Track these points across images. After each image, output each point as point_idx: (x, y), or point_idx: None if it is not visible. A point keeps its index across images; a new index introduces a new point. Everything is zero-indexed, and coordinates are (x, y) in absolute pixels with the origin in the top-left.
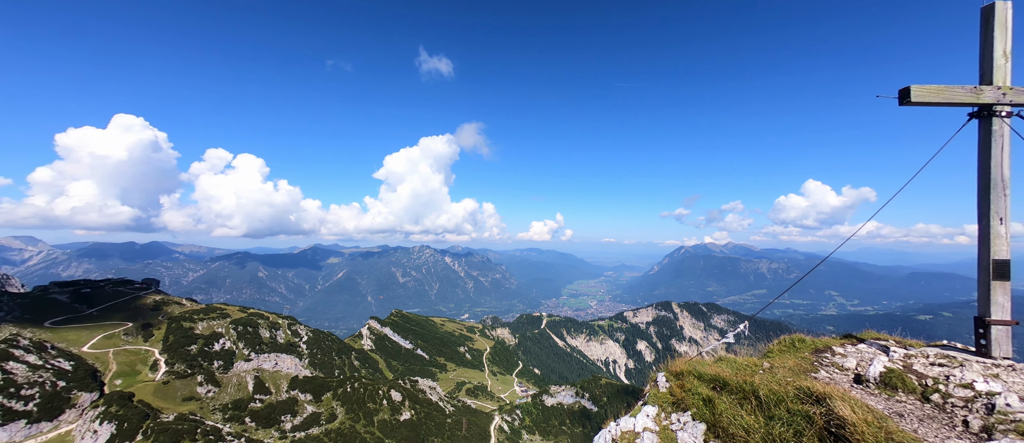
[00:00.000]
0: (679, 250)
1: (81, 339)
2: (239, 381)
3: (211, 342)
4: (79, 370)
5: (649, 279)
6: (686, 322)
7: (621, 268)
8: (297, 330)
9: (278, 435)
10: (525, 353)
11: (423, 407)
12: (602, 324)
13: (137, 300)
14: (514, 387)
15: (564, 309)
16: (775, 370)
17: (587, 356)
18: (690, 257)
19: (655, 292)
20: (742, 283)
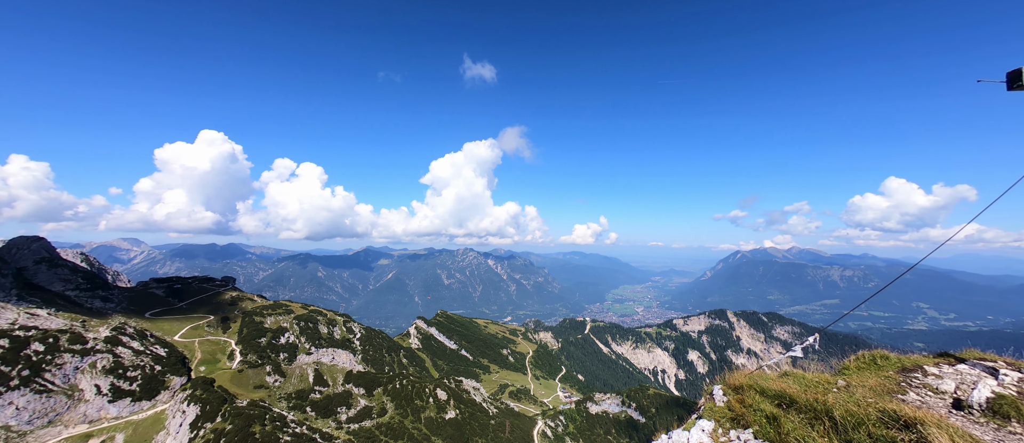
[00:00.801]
0: (734, 255)
1: (173, 329)
2: (301, 373)
3: (278, 336)
4: (172, 356)
5: (701, 285)
6: (743, 332)
7: (669, 273)
8: (351, 327)
9: (335, 425)
10: (568, 358)
11: (467, 407)
12: (649, 331)
13: (217, 296)
14: (557, 392)
15: (609, 315)
16: (852, 389)
17: (633, 364)
18: (748, 263)
19: (708, 299)
20: (809, 292)
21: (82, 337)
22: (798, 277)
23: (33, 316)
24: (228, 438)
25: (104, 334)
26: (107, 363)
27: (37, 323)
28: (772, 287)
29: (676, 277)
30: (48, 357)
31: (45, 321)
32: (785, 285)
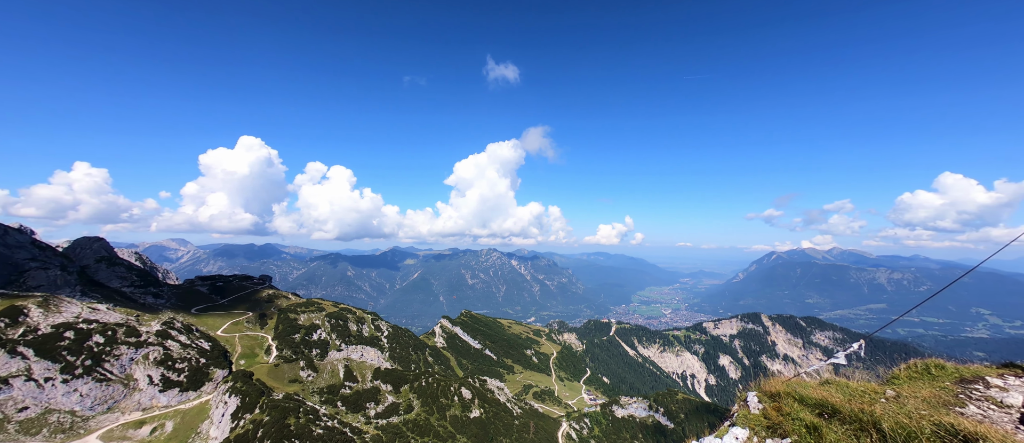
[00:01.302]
0: (769, 256)
1: (216, 324)
2: (332, 368)
3: (310, 332)
4: (215, 350)
5: (732, 288)
6: (779, 337)
7: (699, 275)
8: (379, 325)
9: (364, 420)
10: (593, 360)
11: (492, 406)
12: (678, 334)
13: (255, 293)
14: (582, 394)
15: (634, 316)
16: (903, 400)
17: (661, 368)
18: (784, 264)
19: (740, 302)
20: (852, 295)
21: (136, 330)
22: (840, 280)
23: (94, 310)
24: (266, 429)
25: (155, 328)
26: (158, 355)
27: (98, 317)
28: (811, 290)
29: (705, 279)
30: (107, 348)
31: (104, 315)
32: (825, 288)
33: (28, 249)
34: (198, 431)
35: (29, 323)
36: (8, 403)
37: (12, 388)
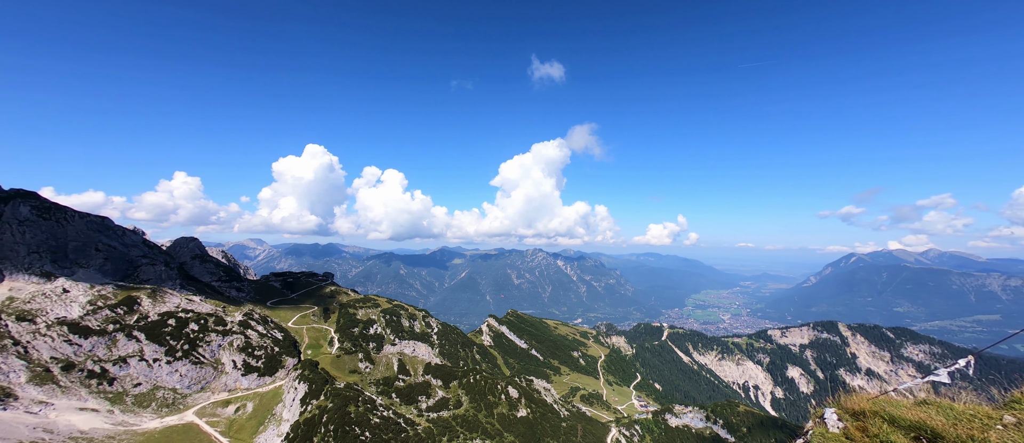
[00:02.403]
0: (848, 258)
1: (287, 317)
2: (387, 361)
3: (367, 327)
4: (286, 340)
5: (803, 293)
6: (861, 349)
7: (762, 278)
8: (429, 322)
9: (416, 413)
10: (644, 365)
11: (538, 407)
12: (739, 342)
13: (320, 289)
14: (632, 400)
15: (689, 321)
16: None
17: (719, 376)
18: (866, 268)
19: (811, 309)
20: (955, 304)
21: (223, 320)
22: (938, 286)
23: (190, 301)
24: (330, 415)
25: (238, 318)
26: (240, 343)
27: (193, 307)
28: (901, 297)
29: (770, 282)
30: (200, 335)
31: (198, 306)
32: (919, 295)
33: (140, 248)
34: (273, 413)
35: (141, 311)
36: (126, 379)
37: (129, 366)
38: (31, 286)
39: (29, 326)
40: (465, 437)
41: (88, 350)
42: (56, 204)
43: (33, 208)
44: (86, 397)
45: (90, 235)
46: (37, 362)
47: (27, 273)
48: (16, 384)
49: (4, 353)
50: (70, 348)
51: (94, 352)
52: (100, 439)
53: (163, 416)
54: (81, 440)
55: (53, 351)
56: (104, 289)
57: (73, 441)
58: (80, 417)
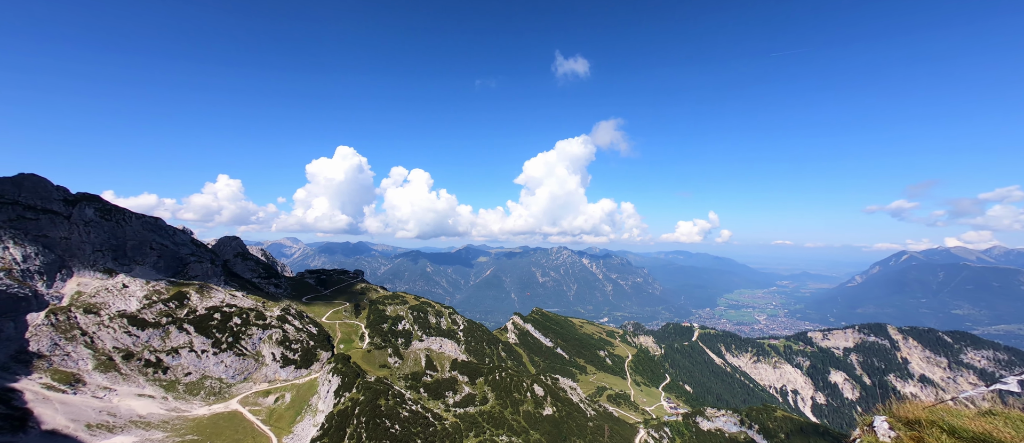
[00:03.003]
0: (898, 256)
1: (320, 312)
2: (415, 357)
3: (396, 323)
4: (320, 334)
5: (847, 293)
6: (913, 354)
7: (801, 277)
8: (455, 319)
9: (444, 408)
10: (673, 366)
11: (564, 406)
12: (776, 344)
13: (351, 286)
14: (661, 401)
15: (721, 321)
16: None
17: (755, 380)
18: (920, 267)
19: (857, 311)
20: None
21: (263, 315)
22: (1005, 287)
23: (233, 297)
24: (362, 407)
25: (276, 313)
26: (279, 336)
27: (236, 302)
28: (960, 299)
29: (810, 282)
30: (243, 329)
31: (240, 301)
32: (982, 297)
33: (189, 246)
34: (309, 404)
35: (190, 305)
36: (178, 368)
37: (181, 356)
38: (95, 282)
39: (94, 318)
40: (491, 433)
41: (145, 341)
42: (116, 206)
43: (96, 210)
44: (144, 384)
45: (145, 235)
46: (102, 351)
47: (92, 270)
48: (84, 371)
49: (74, 342)
50: (129, 339)
51: (150, 343)
52: (156, 423)
53: (210, 404)
54: (140, 423)
55: (115, 341)
56: (158, 285)
57: (133, 424)
58: (139, 402)
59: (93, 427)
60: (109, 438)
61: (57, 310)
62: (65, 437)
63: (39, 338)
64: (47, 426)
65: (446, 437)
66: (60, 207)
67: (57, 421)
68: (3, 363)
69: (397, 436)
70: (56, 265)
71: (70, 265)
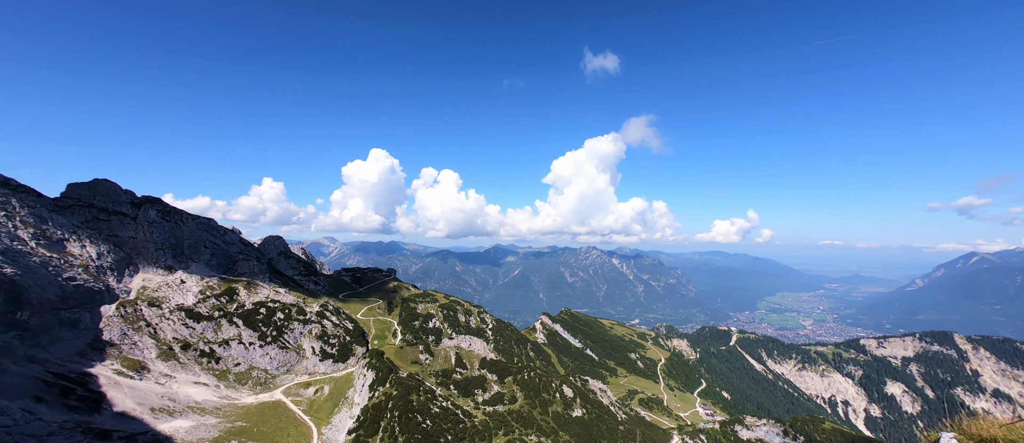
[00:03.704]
0: (967, 258)
1: (355, 309)
2: (445, 354)
3: (427, 320)
4: (356, 330)
5: (905, 298)
6: (985, 366)
7: (852, 280)
8: (484, 318)
9: (473, 405)
10: (709, 371)
11: (594, 408)
12: (823, 351)
13: (384, 284)
14: (696, 408)
15: (762, 326)
16: None
17: (800, 389)
18: (993, 269)
19: (917, 317)
20: None
21: (303, 310)
22: None
23: (277, 293)
24: (395, 402)
25: (315, 309)
26: (318, 331)
27: (279, 298)
28: None
29: (862, 285)
30: (285, 323)
31: (283, 297)
32: None
33: (237, 245)
34: (346, 396)
35: (239, 300)
36: (229, 359)
37: (231, 348)
38: (157, 277)
39: (157, 311)
40: (521, 433)
41: (200, 333)
42: (175, 208)
43: (158, 212)
44: (199, 373)
45: (200, 234)
46: (163, 341)
47: (154, 266)
48: (148, 359)
49: (140, 333)
50: (186, 330)
51: (204, 335)
52: (210, 409)
53: (257, 393)
54: (196, 409)
55: (174, 332)
56: (211, 281)
57: (190, 409)
58: (195, 389)
59: (156, 411)
60: (170, 421)
61: (125, 303)
62: (132, 419)
63: (111, 328)
64: (118, 409)
65: (475, 434)
66: (128, 209)
67: (126, 404)
68: (81, 350)
69: (428, 431)
70: (124, 262)
71: (136, 262)
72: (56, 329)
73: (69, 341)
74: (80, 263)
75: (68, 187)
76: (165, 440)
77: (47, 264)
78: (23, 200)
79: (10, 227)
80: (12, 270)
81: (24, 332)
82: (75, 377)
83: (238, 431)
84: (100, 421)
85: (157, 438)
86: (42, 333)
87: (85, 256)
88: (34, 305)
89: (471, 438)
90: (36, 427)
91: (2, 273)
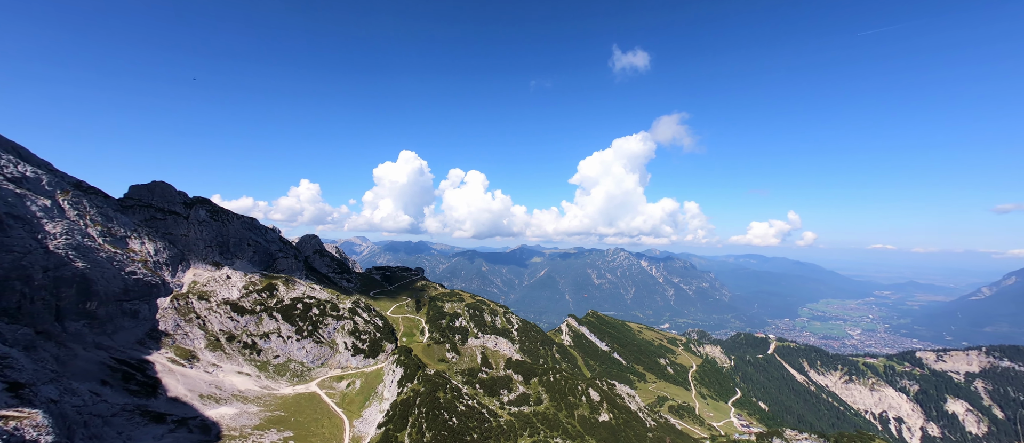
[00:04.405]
0: None
1: (385, 307)
2: (471, 353)
3: (453, 319)
4: (386, 327)
5: (969, 307)
6: None
7: (907, 287)
8: (510, 318)
9: (498, 405)
10: (745, 379)
11: (622, 413)
12: (874, 363)
13: (413, 283)
14: (730, 417)
15: (803, 334)
16: None
17: (846, 402)
18: None
19: (984, 329)
20: None
21: (337, 307)
22: None
23: (313, 289)
24: (422, 398)
25: (348, 306)
26: (350, 327)
27: (315, 294)
28: None
29: (919, 293)
30: (320, 318)
31: (318, 293)
32: None
33: (277, 243)
34: (376, 391)
35: (278, 296)
36: (269, 351)
37: (271, 340)
38: (206, 273)
39: (205, 304)
40: (546, 434)
41: (243, 325)
42: (221, 208)
43: (207, 211)
44: (242, 363)
45: (244, 233)
46: (211, 332)
47: (204, 262)
48: (198, 349)
49: (191, 324)
50: (231, 323)
51: (247, 327)
52: (252, 398)
53: (294, 385)
54: (239, 397)
55: (221, 324)
56: (253, 277)
57: (234, 397)
58: (239, 379)
59: (204, 397)
60: (216, 408)
61: (178, 296)
62: (184, 404)
63: (165, 319)
64: (171, 394)
65: (501, 434)
66: (181, 209)
67: (178, 390)
68: (140, 339)
69: (454, 429)
70: (178, 258)
71: (188, 258)
72: (119, 319)
73: (130, 330)
74: (140, 259)
75: (130, 189)
76: (212, 425)
77: (112, 259)
78: (92, 201)
79: (82, 225)
80: (83, 264)
81: (92, 321)
82: (135, 363)
83: (277, 420)
84: (156, 405)
85: (205, 423)
86: (107, 322)
87: (144, 252)
88: (101, 296)
89: (497, 438)
90: (102, 408)
91: (75, 267)
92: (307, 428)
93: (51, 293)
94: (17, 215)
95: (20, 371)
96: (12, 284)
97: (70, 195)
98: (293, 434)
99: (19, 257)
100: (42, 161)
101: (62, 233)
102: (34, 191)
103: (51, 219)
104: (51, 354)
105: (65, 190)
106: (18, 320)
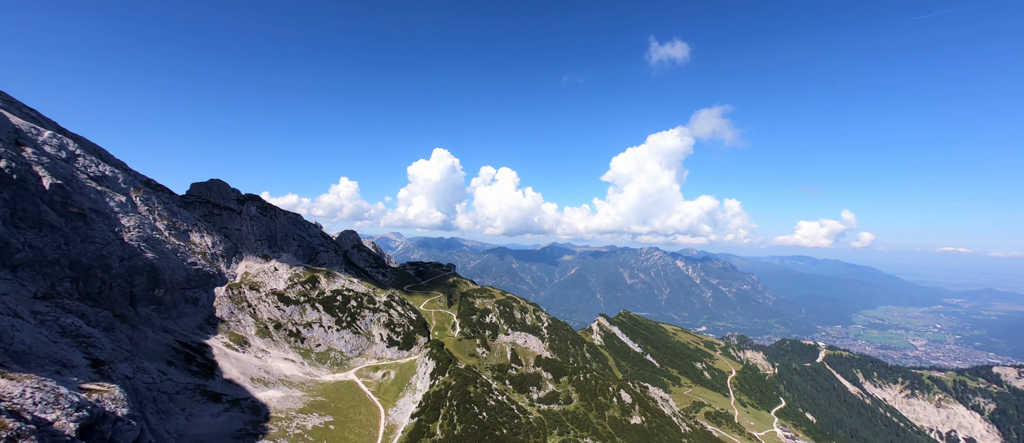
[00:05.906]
0: None
1: (418, 301)
2: (501, 350)
3: (484, 315)
4: (418, 321)
5: None
6: None
7: (982, 295)
8: (540, 316)
9: (528, 402)
10: (789, 389)
11: (655, 417)
12: (941, 377)
13: (445, 279)
14: (773, 428)
15: (858, 342)
16: None
17: (908, 419)
18: None
19: None
20: None
21: (373, 300)
22: None
23: (351, 282)
24: (453, 391)
25: (383, 299)
26: (386, 319)
27: (353, 287)
28: None
29: (997, 302)
30: (358, 310)
31: (356, 286)
32: None
33: (319, 238)
34: (409, 382)
35: (320, 288)
36: (311, 340)
37: (313, 330)
38: (256, 265)
39: (256, 294)
40: (576, 434)
41: (289, 315)
42: (270, 204)
43: (258, 207)
44: (288, 350)
45: (289, 228)
46: (260, 320)
47: (254, 255)
48: (249, 335)
49: (243, 312)
50: (278, 312)
51: (292, 317)
52: (296, 383)
53: (334, 373)
54: (285, 382)
55: (269, 313)
56: (297, 269)
57: (281, 382)
58: (284, 365)
59: (255, 381)
60: (265, 391)
61: (232, 286)
62: (237, 386)
63: (221, 307)
64: (226, 376)
65: (530, 431)
66: (235, 205)
67: (232, 373)
68: (199, 324)
69: (485, 423)
70: (232, 250)
71: (241, 251)
72: (182, 306)
73: (191, 316)
74: (200, 251)
75: (191, 186)
76: (262, 406)
77: (176, 251)
78: (160, 197)
79: (151, 219)
80: (152, 255)
81: (159, 307)
82: (195, 347)
83: (319, 405)
84: (213, 385)
85: (255, 404)
86: (172, 308)
87: (203, 245)
88: (167, 285)
89: (526, 434)
90: (168, 386)
91: (145, 257)
92: (346, 414)
93: (126, 280)
94: (98, 210)
95: (101, 349)
96: (94, 272)
97: (141, 192)
98: (333, 419)
99: (100, 247)
100: (118, 161)
101: (135, 226)
102: (112, 188)
103: (126, 214)
104: (126, 336)
105: (137, 187)
106: (99, 304)
